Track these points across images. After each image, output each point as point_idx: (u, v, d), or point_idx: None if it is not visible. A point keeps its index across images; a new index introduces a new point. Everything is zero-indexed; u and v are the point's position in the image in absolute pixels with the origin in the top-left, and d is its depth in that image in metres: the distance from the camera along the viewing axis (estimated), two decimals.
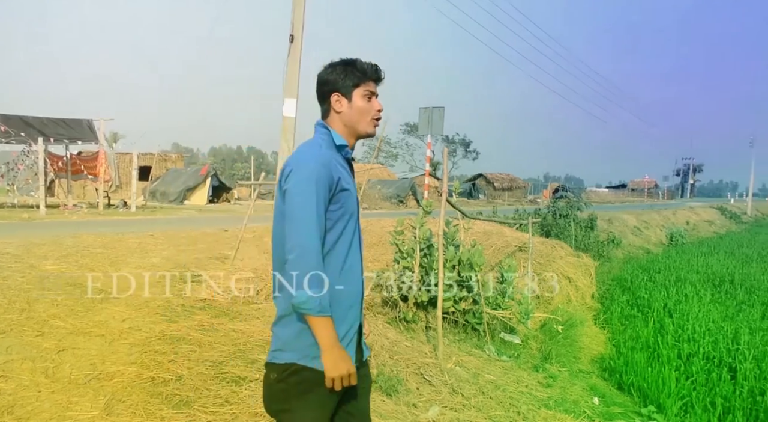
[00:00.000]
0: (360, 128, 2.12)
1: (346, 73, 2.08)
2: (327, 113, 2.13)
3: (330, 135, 2.10)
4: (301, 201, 1.89)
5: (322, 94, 2.13)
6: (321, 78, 2.13)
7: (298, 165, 1.94)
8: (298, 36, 9.06)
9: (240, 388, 3.63)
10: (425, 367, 4.93)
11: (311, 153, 1.99)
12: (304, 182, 1.91)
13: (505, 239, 9.90)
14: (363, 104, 2.09)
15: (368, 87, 2.10)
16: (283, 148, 9.58)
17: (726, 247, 18.42)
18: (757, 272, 11.80)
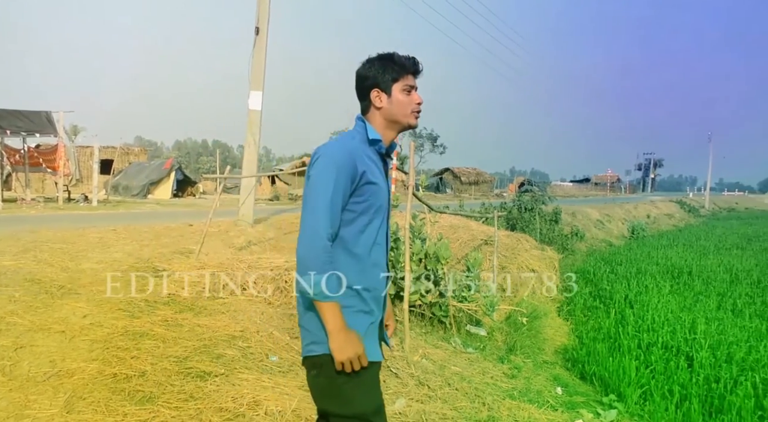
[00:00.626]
0: (402, 120, 2.11)
1: (384, 68, 2.08)
2: (367, 109, 2.12)
3: (365, 128, 2.10)
4: (318, 188, 1.90)
5: (361, 90, 2.12)
6: (360, 74, 2.12)
7: (323, 154, 1.95)
8: (263, 28, 8.97)
9: (205, 383, 3.60)
10: (392, 360, 4.95)
11: (339, 143, 2.00)
12: (326, 170, 1.91)
13: (472, 233, 10.00)
14: (403, 98, 2.09)
15: (407, 81, 2.09)
16: (249, 141, 9.49)
17: (684, 240, 18.93)
18: (713, 264, 12.17)
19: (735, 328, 6.69)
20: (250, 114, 9.33)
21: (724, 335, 6.33)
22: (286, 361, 4.29)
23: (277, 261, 6.38)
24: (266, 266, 6.14)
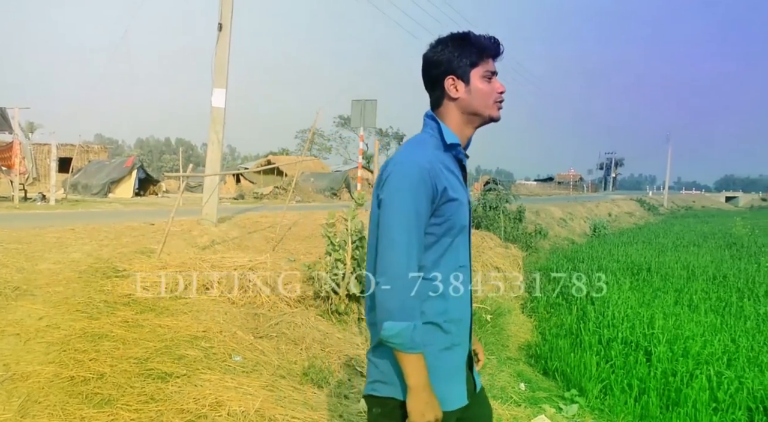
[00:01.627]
0: (483, 112, 1.80)
1: (461, 51, 1.76)
2: (439, 101, 1.81)
3: (440, 130, 1.79)
4: (396, 216, 1.63)
5: (432, 79, 1.81)
6: (429, 59, 1.80)
7: (394, 172, 1.67)
8: (226, 24, 8.86)
9: (166, 385, 3.54)
10: (357, 358, 4.95)
11: (413, 156, 1.69)
12: (402, 192, 1.64)
13: None
14: (484, 86, 1.77)
15: (487, 66, 1.78)
16: (212, 139, 9.37)
17: (644, 237, 19.39)
18: (671, 261, 12.49)
19: (691, 323, 6.89)
20: (213, 112, 9.20)
21: (680, 330, 6.51)
22: (249, 361, 4.25)
23: (241, 260, 6.31)
24: (230, 266, 6.06)
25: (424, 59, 1.82)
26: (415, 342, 1.60)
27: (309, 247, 8.92)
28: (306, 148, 16.61)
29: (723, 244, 16.64)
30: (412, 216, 1.63)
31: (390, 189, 1.66)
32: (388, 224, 1.64)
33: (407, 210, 1.63)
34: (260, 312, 5.32)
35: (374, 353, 1.76)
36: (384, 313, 1.61)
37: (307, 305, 5.87)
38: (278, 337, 4.86)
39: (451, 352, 1.73)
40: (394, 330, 1.59)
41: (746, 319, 7.14)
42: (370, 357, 1.78)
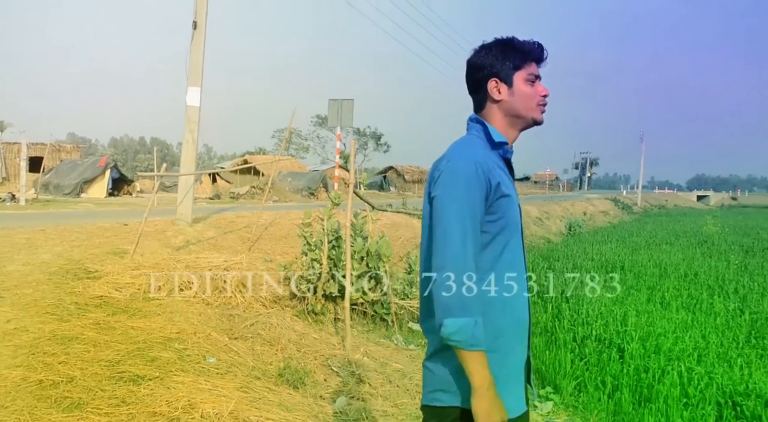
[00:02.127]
0: (526, 115, 1.79)
1: (504, 54, 1.78)
2: (482, 104, 1.82)
3: (486, 131, 1.79)
4: (450, 211, 1.60)
5: (475, 82, 1.82)
6: (473, 63, 1.82)
7: (447, 169, 1.66)
8: (201, 23, 8.77)
9: (138, 387, 3.49)
10: (333, 358, 4.94)
11: (464, 153, 1.69)
12: (455, 188, 1.62)
13: (414, 231, 10.08)
14: (526, 89, 1.78)
15: (531, 70, 1.79)
16: (187, 138, 9.26)
17: (618, 236, 19.65)
18: (644, 259, 12.68)
19: (663, 320, 6.99)
20: (188, 111, 9.10)
21: (653, 327, 6.61)
22: (224, 362, 4.21)
23: (216, 261, 6.25)
24: (205, 266, 6.00)
25: (468, 63, 1.84)
26: (478, 339, 1.54)
27: (285, 247, 8.88)
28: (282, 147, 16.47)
29: (694, 242, 16.94)
30: (467, 211, 1.60)
31: (443, 185, 1.63)
32: (442, 220, 1.60)
33: (462, 205, 1.60)
34: (235, 313, 5.28)
35: (432, 360, 1.70)
36: (443, 311, 1.55)
37: (283, 305, 5.84)
38: (253, 338, 4.82)
39: (509, 357, 1.69)
40: (455, 326, 1.53)
41: (716, 316, 7.27)
42: (428, 365, 1.72)
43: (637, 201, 51.65)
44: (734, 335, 6.39)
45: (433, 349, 1.71)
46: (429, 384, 1.71)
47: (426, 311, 1.73)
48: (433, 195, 1.66)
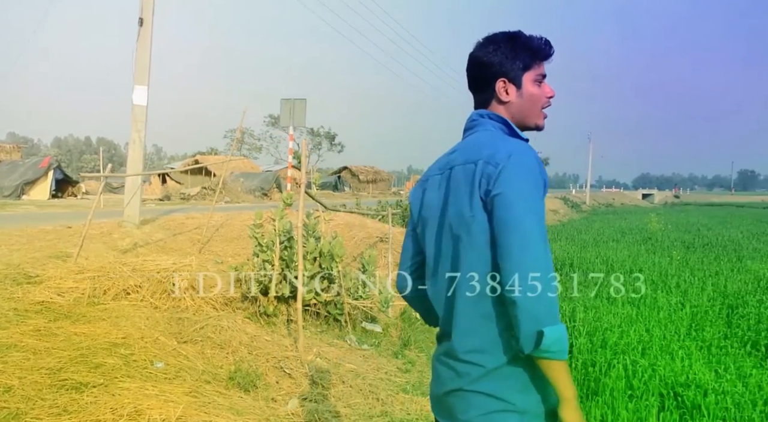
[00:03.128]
0: (529, 121, 1.71)
1: (514, 52, 1.66)
2: (486, 103, 1.72)
3: (505, 125, 1.67)
4: (526, 210, 1.45)
5: (481, 80, 1.71)
6: (479, 59, 1.70)
7: (515, 163, 1.49)
8: (148, 20, 8.56)
9: (81, 395, 3.37)
10: (285, 360, 4.89)
11: (522, 146, 1.55)
12: (528, 185, 1.47)
13: (368, 231, 10.09)
14: (535, 91, 1.69)
15: (539, 70, 1.70)
16: (134, 138, 9.04)
17: (567, 234, 20.13)
18: (592, 256, 13.03)
19: (609, 315, 7.19)
20: (134, 110, 8.87)
21: (599, 322, 6.79)
22: (172, 367, 4.12)
23: (165, 263, 6.11)
24: (153, 269, 5.86)
25: (472, 59, 1.72)
26: (567, 347, 1.44)
27: (237, 248, 8.75)
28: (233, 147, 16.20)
29: (639, 239, 17.49)
30: (540, 210, 1.48)
31: (515, 181, 1.47)
32: (518, 222, 1.44)
33: (535, 204, 1.47)
34: (185, 316, 5.17)
35: (483, 382, 1.53)
36: (534, 321, 1.39)
37: (234, 307, 5.76)
38: (203, 341, 4.74)
39: None
40: (555, 335, 1.39)
41: (659, 310, 7.52)
42: (478, 389, 1.53)
43: (586, 200, 53.06)
44: (676, 328, 6.63)
45: (484, 371, 1.52)
46: (480, 407, 1.53)
47: (470, 327, 1.55)
48: (496, 193, 1.47)
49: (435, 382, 1.70)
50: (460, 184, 1.57)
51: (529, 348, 1.42)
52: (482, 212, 1.51)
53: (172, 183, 29.90)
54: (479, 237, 1.52)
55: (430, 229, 1.70)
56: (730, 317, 7.20)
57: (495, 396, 1.51)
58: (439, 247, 1.66)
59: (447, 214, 1.62)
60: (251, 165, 39.23)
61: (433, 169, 1.75)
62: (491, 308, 1.52)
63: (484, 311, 1.53)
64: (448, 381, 1.60)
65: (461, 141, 1.73)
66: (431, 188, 1.71)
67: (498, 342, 1.52)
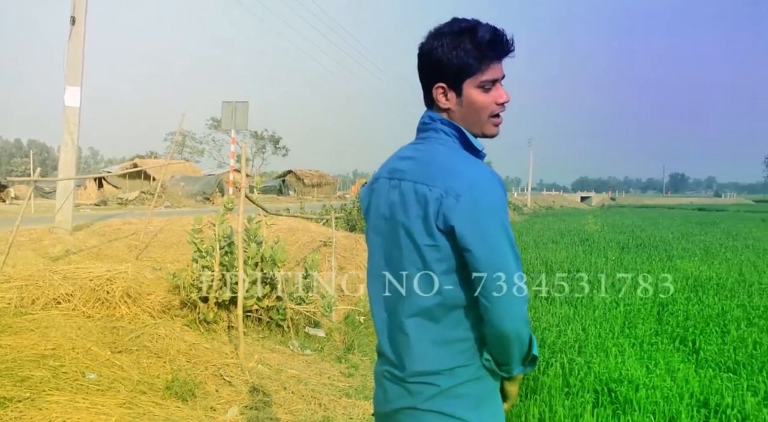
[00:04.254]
0: (473, 129, 1.55)
1: (457, 52, 1.45)
2: (431, 104, 1.57)
3: (464, 139, 1.54)
4: (507, 244, 1.43)
5: (422, 78, 1.55)
6: (421, 55, 1.53)
7: (477, 192, 1.41)
8: (80, 18, 8.26)
9: (5, 410, 3.21)
10: (226, 368, 4.80)
11: (486, 170, 1.46)
12: (499, 219, 1.43)
13: (311, 235, 10.02)
14: (479, 98, 1.50)
15: (488, 74, 1.48)
16: (66, 141, 8.70)
17: None
18: (532, 258, 13.34)
19: (548, 315, 7.40)
20: (66, 111, 8.53)
21: (538, 322, 6.97)
22: (106, 378, 3.97)
23: (98, 271, 5.89)
24: (85, 277, 5.64)
25: (418, 51, 1.54)
26: None
27: (177, 254, 8.53)
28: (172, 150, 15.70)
29: (577, 240, 18.03)
30: (513, 241, 1.46)
31: (483, 217, 1.40)
32: (499, 261, 1.41)
33: (511, 236, 1.45)
34: (119, 325, 5.00)
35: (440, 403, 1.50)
36: (521, 349, 1.49)
37: (172, 315, 5.61)
38: (139, 351, 4.59)
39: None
40: (536, 344, 1.57)
41: (595, 309, 7.78)
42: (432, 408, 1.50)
43: (527, 202, 54.34)
44: (610, 326, 6.86)
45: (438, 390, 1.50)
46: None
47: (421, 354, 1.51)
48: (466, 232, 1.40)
49: (381, 399, 1.63)
50: (411, 204, 1.48)
51: (519, 370, 1.55)
52: (445, 241, 1.44)
53: (109, 188, 28.92)
54: (436, 266, 1.46)
55: (375, 234, 1.63)
56: (661, 314, 7.51)
57: (449, 414, 1.48)
58: (385, 259, 1.60)
59: (396, 230, 1.53)
60: (193, 169, 38.41)
61: (383, 171, 1.64)
62: (445, 334, 1.50)
63: (437, 338, 1.50)
64: (398, 399, 1.55)
65: (414, 145, 1.60)
66: (379, 191, 1.62)
67: (452, 366, 1.50)
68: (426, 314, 1.49)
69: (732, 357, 5.61)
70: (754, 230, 23.50)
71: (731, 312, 7.43)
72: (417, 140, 1.61)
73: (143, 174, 30.55)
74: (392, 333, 1.57)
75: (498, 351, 1.50)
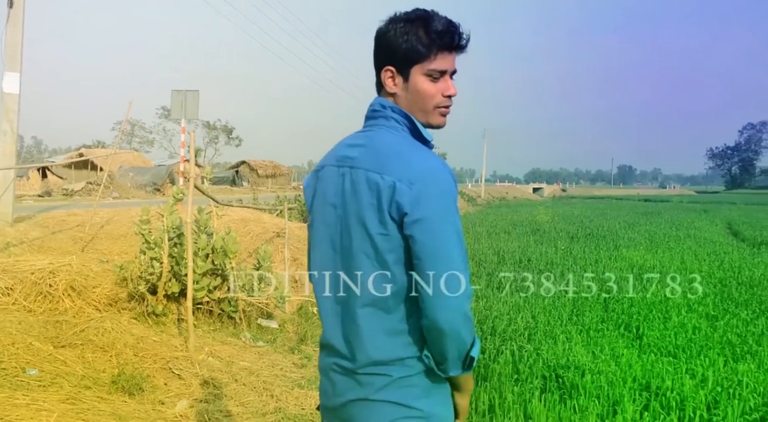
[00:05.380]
0: (419, 117, 1.54)
1: (409, 37, 1.46)
2: (378, 89, 1.58)
3: (414, 128, 1.54)
4: (451, 232, 1.42)
5: (376, 60, 1.55)
6: (377, 38, 1.53)
7: (429, 181, 1.41)
8: (18, 1, 7.91)
9: None
10: (175, 361, 4.71)
11: (439, 163, 1.45)
12: (449, 205, 1.43)
13: (264, 226, 9.91)
14: (426, 87, 1.51)
15: (437, 63, 1.49)
16: (5, 129, 8.34)
17: (463, 227, 20.73)
18: (485, 248, 13.54)
19: (499, 304, 7.53)
20: (4, 98, 8.17)
21: (489, 310, 7.09)
22: (48, 374, 3.85)
23: (41, 264, 5.68)
24: (26, 270, 5.44)
25: (375, 35, 1.54)
26: None
27: (124, 246, 8.32)
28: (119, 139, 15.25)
29: (529, 231, 18.39)
30: (461, 230, 1.45)
31: (432, 204, 1.40)
32: (443, 249, 1.40)
33: (457, 225, 1.45)
34: (63, 319, 4.84)
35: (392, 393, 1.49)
36: (459, 348, 1.44)
37: (119, 308, 5.47)
38: (84, 345, 4.46)
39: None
40: (478, 353, 1.51)
41: (544, 297, 7.96)
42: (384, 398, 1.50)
43: (481, 194, 55.04)
44: (559, 314, 7.03)
45: (390, 380, 1.49)
46: (387, 415, 1.50)
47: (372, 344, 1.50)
48: (417, 217, 1.39)
49: (330, 392, 1.62)
50: (363, 193, 1.46)
51: (456, 371, 1.48)
52: (396, 231, 1.43)
53: (54, 178, 27.90)
54: (388, 255, 1.45)
55: (321, 224, 1.59)
56: (607, 302, 7.74)
57: (401, 403, 1.49)
58: (333, 248, 1.56)
59: (346, 219, 1.51)
60: (142, 159, 37.42)
61: (330, 157, 1.61)
62: (396, 325, 1.49)
63: (389, 328, 1.49)
64: (348, 392, 1.54)
65: (363, 133, 1.58)
66: (326, 179, 1.59)
67: (403, 356, 1.49)
68: (378, 304, 1.48)
69: (673, 341, 5.83)
70: (696, 220, 24.42)
71: (672, 299, 7.71)
72: (366, 127, 1.59)
73: (90, 164, 29.60)
74: (343, 324, 1.55)
75: (434, 348, 1.46)
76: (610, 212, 30.39)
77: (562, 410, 4.25)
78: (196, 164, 32.70)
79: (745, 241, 16.77)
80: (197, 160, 38.84)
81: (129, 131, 55.42)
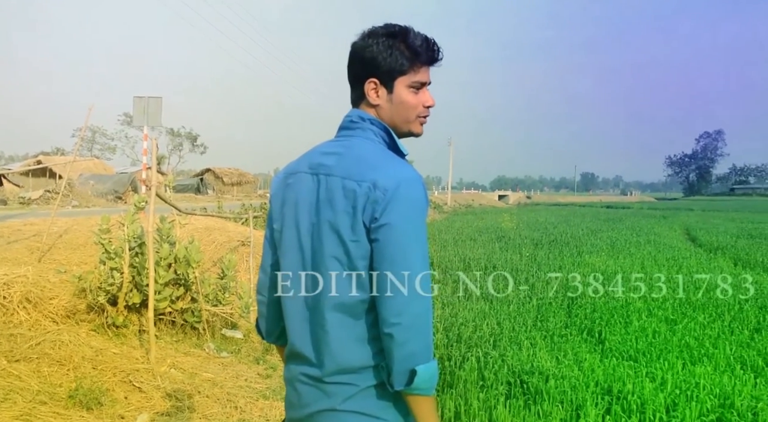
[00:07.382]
0: (402, 127, 1.61)
1: (391, 51, 1.53)
2: (357, 102, 1.62)
3: (391, 141, 1.59)
4: (414, 240, 1.43)
5: (354, 75, 1.59)
6: (355, 52, 1.58)
7: (402, 190, 1.44)
8: None
9: None
10: (136, 374, 4.61)
11: (409, 171, 1.48)
12: (417, 215, 1.46)
13: (228, 234, 9.78)
14: (409, 98, 1.57)
15: (418, 76, 1.57)
16: None
17: (429, 234, 20.76)
18: (451, 255, 13.62)
19: (465, 311, 7.56)
20: None
21: (455, 317, 7.11)
22: (1, 389, 3.73)
23: None
24: None
25: (351, 50, 1.59)
26: (436, 383, 1.46)
27: (84, 256, 8.09)
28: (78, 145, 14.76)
29: (494, 237, 18.56)
30: (425, 242, 1.47)
31: (401, 212, 1.43)
32: (403, 256, 1.42)
33: (422, 236, 1.46)
34: (17, 332, 4.69)
35: (358, 403, 1.50)
36: (405, 359, 1.40)
37: (77, 320, 5.32)
38: (40, 359, 4.33)
39: None
40: (428, 373, 1.42)
41: (509, 304, 8.02)
42: (351, 408, 1.50)
43: (447, 201, 55.42)
44: (524, 320, 7.10)
45: (357, 389, 1.50)
46: None
47: (341, 351, 1.50)
48: (384, 222, 1.42)
49: (296, 403, 1.61)
50: (338, 200, 1.48)
51: (400, 385, 1.43)
52: (366, 238, 1.45)
53: (10, 186, 27.10)
54: (359, 262, 1.47)
55: (291, 230, 1.58)
56: (571, 307, 7.85)
57: (368, 413, 1.49)
58: (304, 255, 1.56)
59: (319, 226, 1.51)
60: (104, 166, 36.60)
61: (301, 164, 1.62)
62: (365, 332, 1.49)
63: (358, 335, 1.49)
64: (315, 403, 1.54)
65: (339, 141, 1.60)
66: (298, 185, 1.59)
67: (370, 364, 1.50)
68: (347, 310, 1.49)
69: (633, 345, 5.94)
70: (656, 226, 25.02)
71: (633, 304, 7.87)
72: (340, 136, 1.62)
73: (48, 172, 28.82)
74: (312, 331, 1.55)
75: (386, 356, 1.46)
76: (574, 219, 30.88)
77: (527, 415, 4.29)
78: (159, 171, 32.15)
79: (702, 246, 17.23)
80: (161, 167, 38.15)
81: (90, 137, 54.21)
